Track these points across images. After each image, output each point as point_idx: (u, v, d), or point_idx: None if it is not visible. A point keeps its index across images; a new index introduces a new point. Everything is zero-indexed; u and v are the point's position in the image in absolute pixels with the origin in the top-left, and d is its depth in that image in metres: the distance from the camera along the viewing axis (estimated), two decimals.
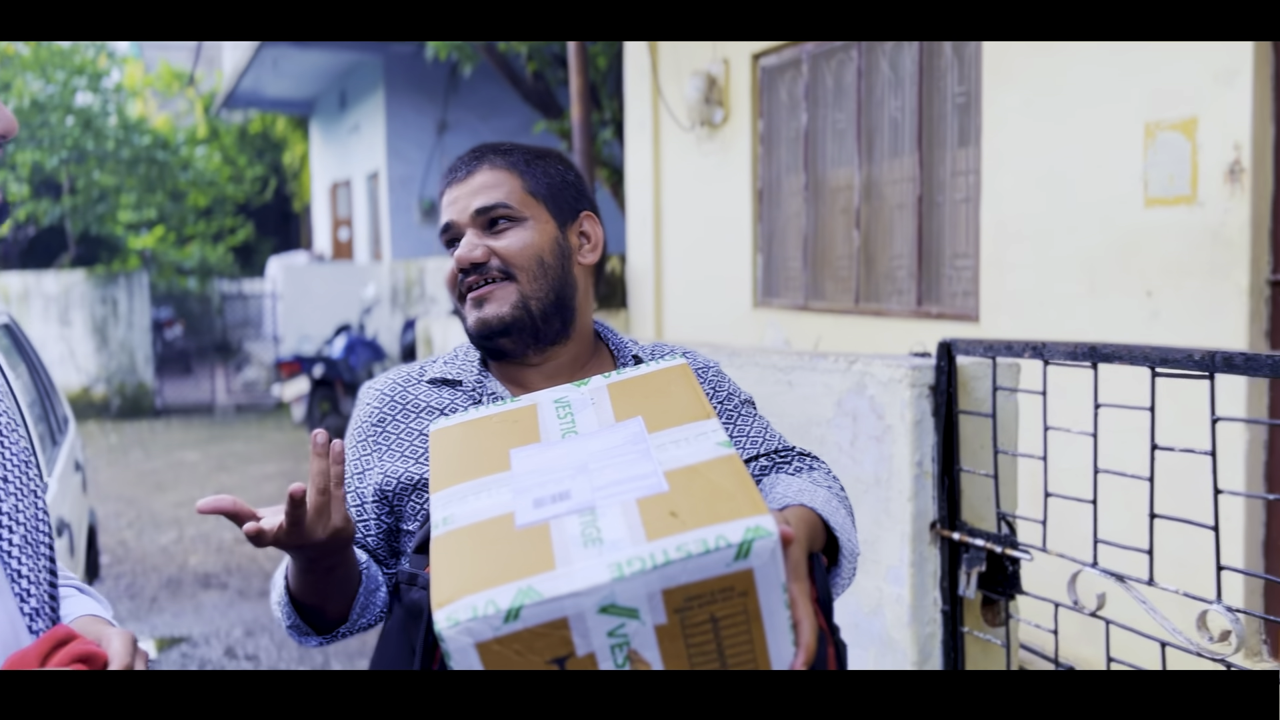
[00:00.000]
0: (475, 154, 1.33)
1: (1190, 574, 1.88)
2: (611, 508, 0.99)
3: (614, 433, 1.12)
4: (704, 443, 1.07)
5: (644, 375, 1.21)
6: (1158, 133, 3.35)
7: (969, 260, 4.30)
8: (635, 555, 0.92)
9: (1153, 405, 1.69)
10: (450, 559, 0.99)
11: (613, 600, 0.91)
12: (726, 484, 1.00)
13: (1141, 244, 3.43)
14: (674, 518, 0.96)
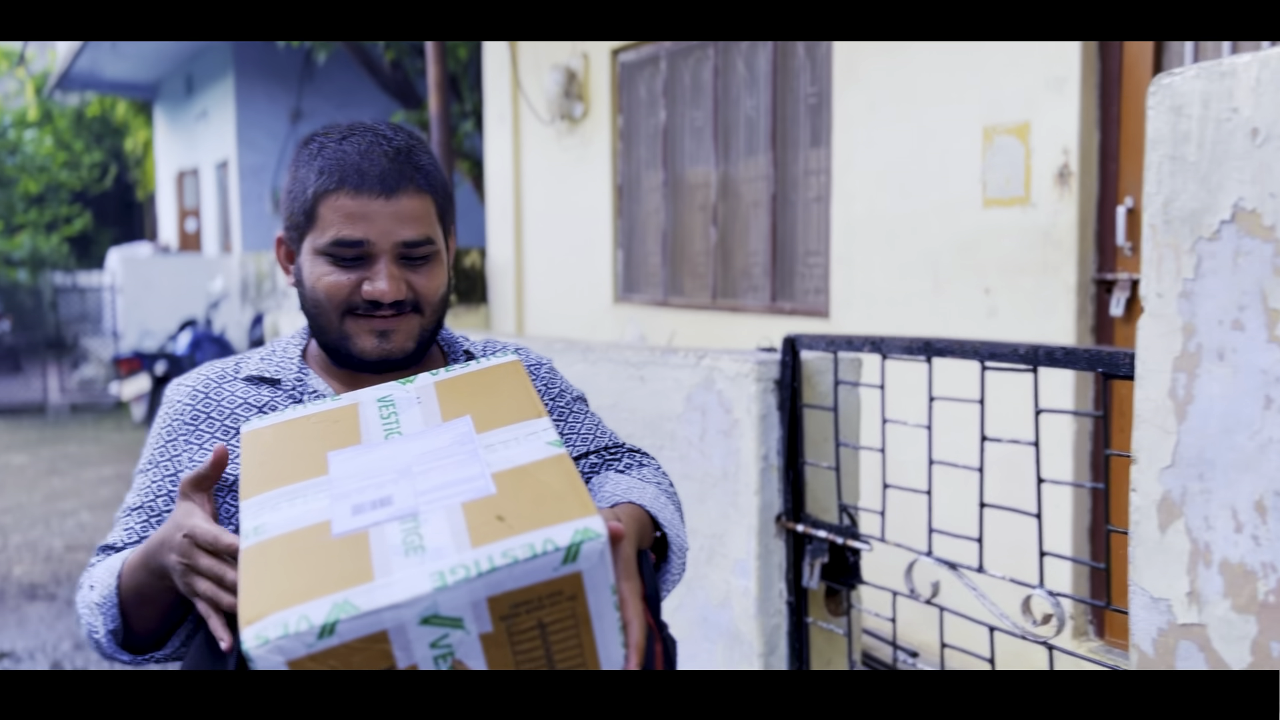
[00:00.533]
0: (394, 163, 1.16)
1: (1022, 560, 1.95)
2: (435, 513, 0.95)
3: (440, 433, 1.07)
4: (534, 442, 1.04)
5: (473, 373, 1.17)
6: (995, 136, 3.49)
7: (820, 258, 4.40)
8: (459, 563, 0.89)
9: (982, 398, 1.74)
10: (260, 571, 0.93)
11: (435, 611, 0.88)
12: (556, 484, 0.97)
13: (980, 243, 3.56)
14: (501, 522, 0.93)
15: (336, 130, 1.20)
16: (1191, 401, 1.07)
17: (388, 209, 1.15)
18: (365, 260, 1.17)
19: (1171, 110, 1.09)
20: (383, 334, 1.20)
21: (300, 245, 1.21)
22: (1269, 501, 1.00)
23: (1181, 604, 1.09)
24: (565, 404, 1.36)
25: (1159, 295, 1.11)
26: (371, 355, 1.21)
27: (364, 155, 1.16)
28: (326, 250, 1.17)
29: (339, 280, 1.18)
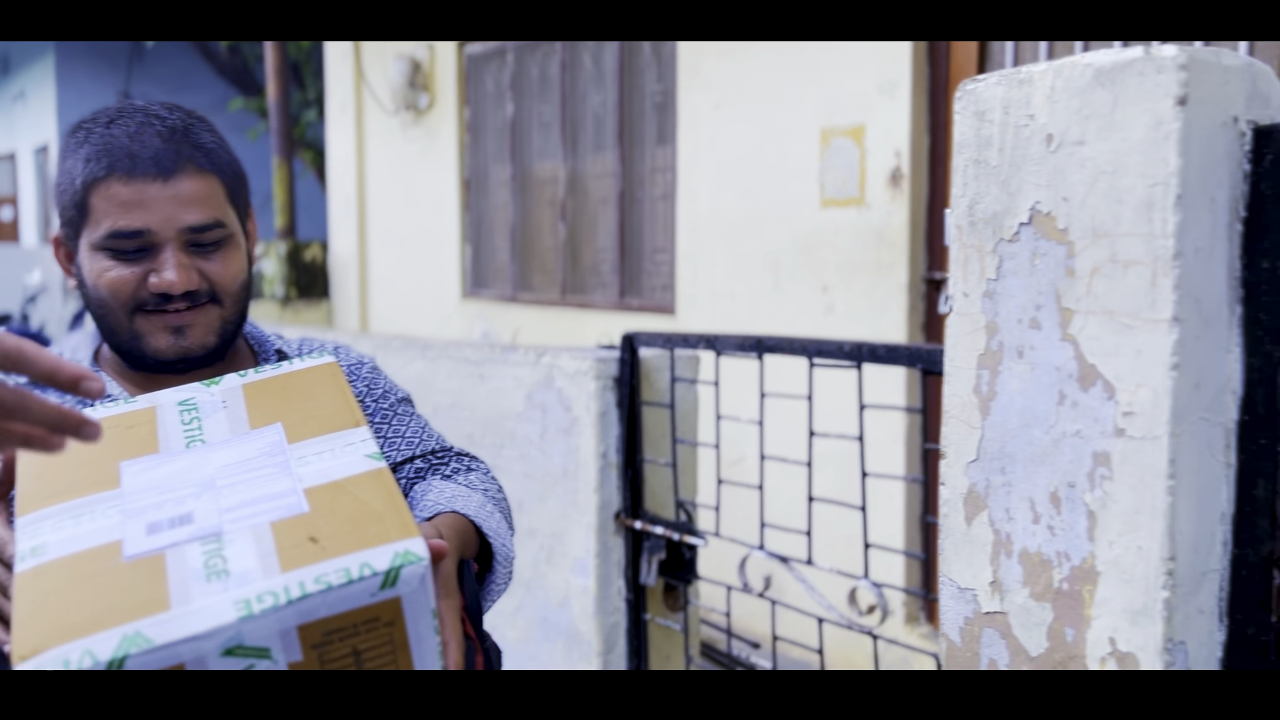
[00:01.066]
0: (169, 143, 1.08)
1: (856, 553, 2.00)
2: (241, 533, 0.88)
3: (247, 442, 0.99)
4: (351, 454, 0.97)
5: (286, 375, 1.09)
6: (832, 138, 3.59)
7: (667, 255, 4.43)
8: (267, 590, 0.82)
9: (810, 394, 1.77)
10: (39, 599, 0.83)
11: (239, 641, 0.81)
12: (374, 502, 0.91)
13: (819, 242, 3.65)
14: (314, 544, 0.87)
15: (105, 114, 1.11)
16: (994, 397, 1.11)
17: (166, 192, 1.07)
18: (149, 251, 1.08)
19: (975, 115, 1.12)
20: (178, 330, 1.11)
21: (77, 242, 1.11)
22: (1063, 493, 1.05)
23: (985, 593, 1.13)
24: (389, 405, 1.31)
25: (965, 295, 1.14)
26: (168, 354, 1.12)
27: (134, 137, 1.07)
28: (104, 244, 1.08)
29: (121, 275, 1.08)
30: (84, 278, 1.12)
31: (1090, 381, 1.02)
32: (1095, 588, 1.03)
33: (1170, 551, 0.98)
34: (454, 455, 1.30)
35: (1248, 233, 1.02)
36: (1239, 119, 1.01)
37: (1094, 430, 1.02)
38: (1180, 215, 0.96)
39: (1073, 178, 1.03)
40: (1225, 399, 1.03)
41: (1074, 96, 1.03)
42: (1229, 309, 1.02)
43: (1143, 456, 0.99)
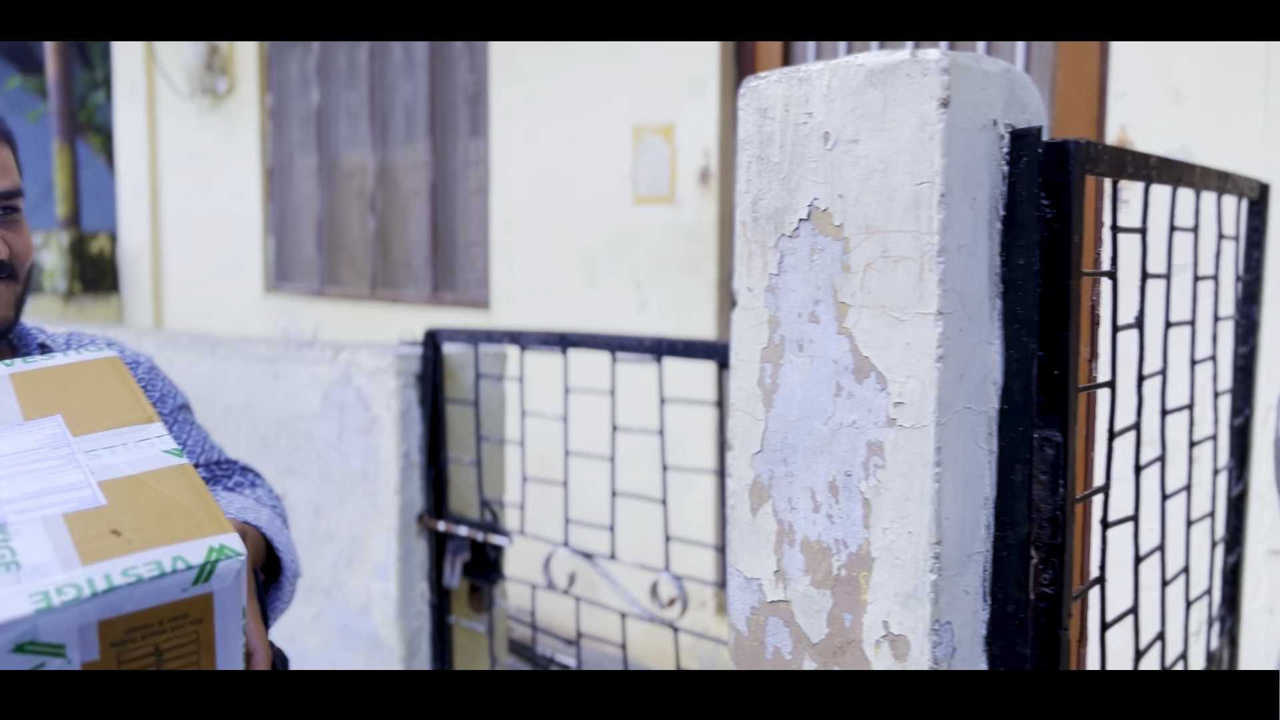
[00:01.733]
0: None
1: (661, 547, 2.02)
2: (30, 525, 0.80)
3: (23, 433, 0.90)
4: (148, 449, 0.91)
5: (61, 367, 0.99)
6: (644, 136, 3.61)
7: (481, 249, 4.36)
8: (68, 582, 0.76)
9: (613, 389, 1.77)
10: None
11: (33, 637, 0.74)
12: (181, 497, 0.85)
13: (632, 239, 3.68)
14: (117, 537, 0.80)
15: None
16: (777, 390, 1.13)
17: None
18: None
19: (758, 112, 1.14)
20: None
21: None
22: (840, 482, 1.08)
23: (770, 582, 1.15)
24: (168, 411, 1.23)
25: (749, 289, 1.16)
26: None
27: None
28: None
29: None
30: None
31: (864, 373, 1.06)
32: (870, 573, 1.06)
33: (937, 536, 1.02)
34: (238, 469, 1.25)
35: (1006, 230, 1.07)
36: (998, 122, 1.06)
37: (868, 420, 1.05)
38: (944, 213, 1.00)
39: (848, 175, 1.06)
40: (987, 389, 1.08)
41: (848, 96, 1.05)
42: (990, 303, 1.07)
43: (912, 445, 1.02)
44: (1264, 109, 2.37)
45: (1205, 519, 1.57)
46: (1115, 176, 1.16)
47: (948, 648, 1.04)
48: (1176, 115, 2.49)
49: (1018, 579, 1.08)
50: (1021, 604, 1.08)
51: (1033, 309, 1.06)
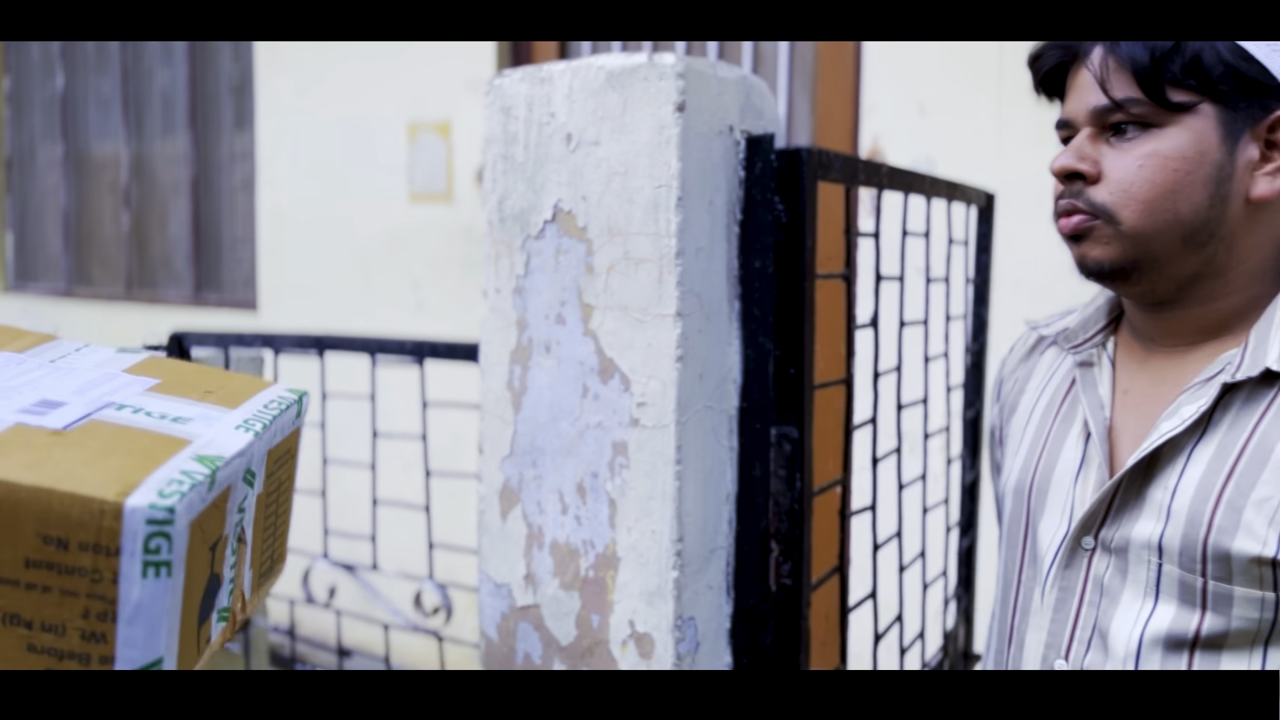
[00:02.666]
0: None
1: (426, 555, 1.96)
2: (147, 397, 0.74)
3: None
4: (97, 352, 0.85)
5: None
6: (419, 133, 3.53)
7: (248, 248, 4.14)
8: (248, 415, 0.74)
9: (373, 393, 1.71)
10: (60, 466, 0.63)
11: (250, 464, 0.71)
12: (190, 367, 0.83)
13: (408, 238, 3.58)
14: (213, 394, 0.77)
15: None
16: (525, 392, 1.12)
17: None
18: None
19: (503, 111, 1.12)
20: None
21: None
22: (588, 483, 1.08)
23: (520, 587, 1.13)
24: None
25: (497, 291, 1.14)
26: None
27: None
28: None
29: None
30: None
31: (609, 374, 1.06)
32: (616, 573, 1.07)
33: (679, 533, 1.03)
34: None
35: (743, 234, 1.10)
36: (734, 128, 1.09)
37: (613, 421, 1.06)
38: (681, 216, 1.01)
39: (590, 177, 1.06)
40: (727, 388, 1.11)
41: (590, 98, 1.06)
42: (729, 305, 1.10)
43: (654, 444, 1.04)
44: (996, 122, 2.57)
45: (940, 506, 1.68)
46: (849, 184, 1.21)
47: (691, 643, 1.06)
48: (922, 127, 2.66)
49: (759, 572, 1.11)
50: (763, 596, 1.12)
51: (769, 310, 1.10)
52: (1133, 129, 0.84)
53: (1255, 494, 0.81)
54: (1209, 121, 0.83)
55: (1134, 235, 0.85)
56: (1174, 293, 0.88)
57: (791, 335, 1.10)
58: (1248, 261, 0.87)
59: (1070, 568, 0.93)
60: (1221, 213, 0.84)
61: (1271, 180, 0.84)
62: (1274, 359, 0.83)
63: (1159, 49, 0.82)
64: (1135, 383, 0.95)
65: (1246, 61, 0.81)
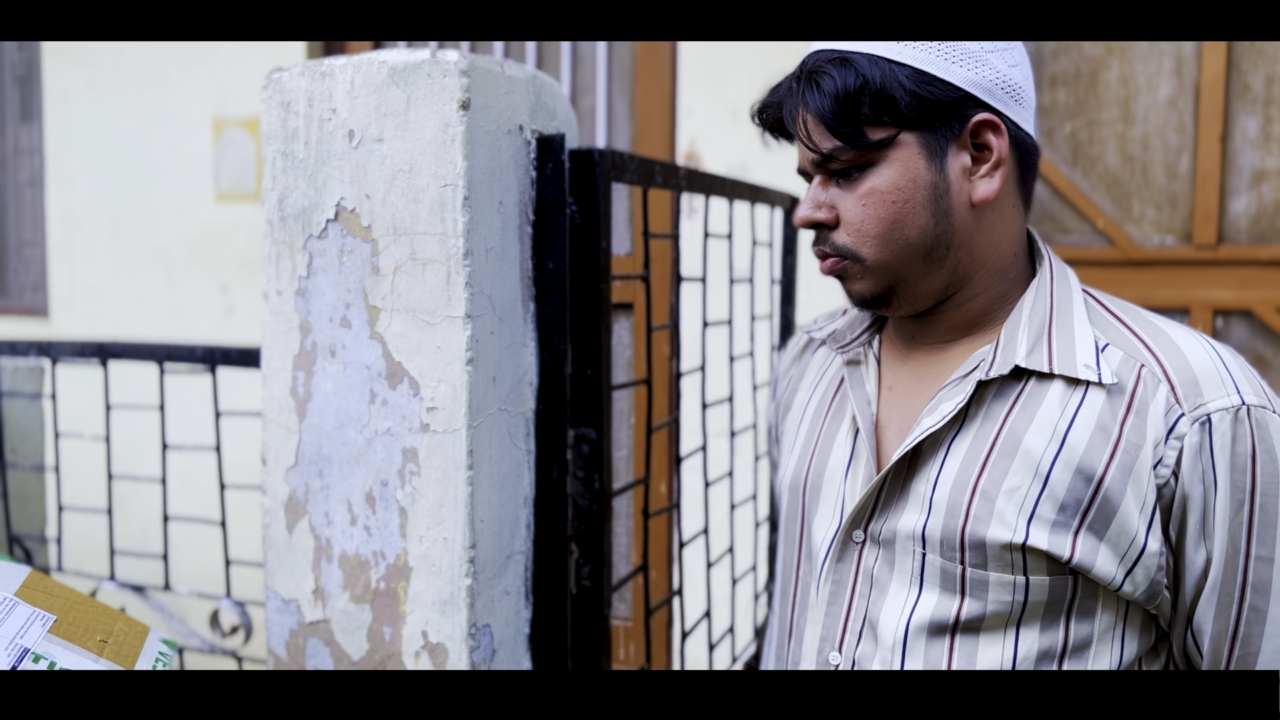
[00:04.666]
0: None
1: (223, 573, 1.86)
2: (45, 645, 0.90)
3: None
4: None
5: None
6: (225, 129, 3.37)
7: (37, 250, 3.86)
8: None
9: (162, 403, 1.61)
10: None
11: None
12: (75, 597, 1.01)
13: (215, 238, 3.41)
14: (105, 644, 0.95)
15: None
16: (310, 399, 1.07)
17: None
18: None
19: (282, 106, 1.07)
20: None
21: None
22: (377, 492, 1.04)
23: (309, 602, 1.08)
24: None
25: (279, 293, 1.09)
26: None
27: None
28: None
29: None
30: None
31: (398, 379, 1.03)
32: (409, 583, 1.03)
33: (471, 540, 1.01)
34: None
35: (536, 235, 1.09)
36: (524, 127, 1.07)
37: (403, 427, 1.03)
38: (469, 216, 0.99)
39: (374, 175, 1.02)
40: (523, 390, 1.09)
41: (372, 93, 1.02)
42: (524, 306, 1.09)
43: (445, 450, 1.01)
44: None
45: (749, 502, 1.71)
46: (644, 185, 1.22)
47: (487, 651, 1.04)
48: (735, 131, 2.72)
49: (558, 575, 1.10)
50: (563, 599, 1.11)
51: (564, 311, 1.09)
52: (854, 170, 0.87)
53: (1006, 484, 0.84)
54: (911, 148, 0.85)
55: (879, 267, 0.88)
56: (932, 304, 0.92)
57: (588, 336, 1.10)
58: (988, 262, 0.90)
59: (842, 561, 0.95)
60: (949, 225, 0.87)
61: (989, 181, 0.87)
62: (1021, 356, 0.86)
63: (842, 94, 0.83)
64: (899, 379, 0.97)
65: (929, 85, 0.83)
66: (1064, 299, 0.90)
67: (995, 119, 0.86)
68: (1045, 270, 0.91)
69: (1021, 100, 0.88)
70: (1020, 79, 0.88)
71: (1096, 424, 0.84)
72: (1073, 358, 0.86)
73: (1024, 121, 0.89)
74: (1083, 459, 0.83)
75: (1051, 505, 0.83)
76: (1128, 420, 0.83)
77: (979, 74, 0.85)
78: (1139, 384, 0.84)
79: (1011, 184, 0.90)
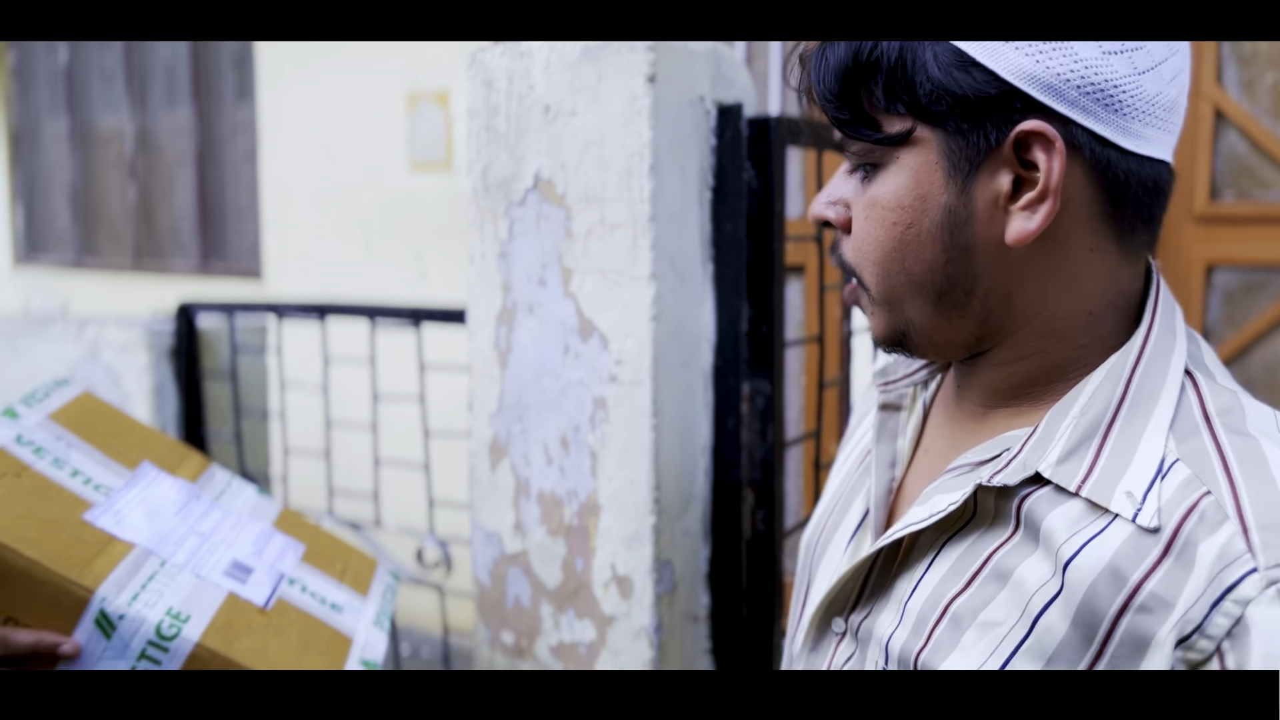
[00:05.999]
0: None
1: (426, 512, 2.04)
2: (299, 571, 1.02)
3: (150, 485, 0.97)
4: (242, 489, 1.10)
5: (78, 402, 1.00)
6: (418, 102, 3.57)
7: (252, 217, 4.20)
8: (378, 609, 1.07)
9: (373, 356, 1.77)
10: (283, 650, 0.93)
11: (377, 659, 1.01)
12: (319, 533, 1.13)
13: (409, 207, 3.64)
14: (345, 569, 1.08)
15: None
16: (511, 351, 1.18)
17: None
18: None
19: (485, 84, 1.18)
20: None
21: None
22: (570, 436, 1.14)
23: (509, 534, 1.20)
24: None
25: (482, 256, 1.20)
26: None
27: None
28: None
29: None
30: None
31: (589, 334, 1.12)
32: (598, 520, 1.13)
33: (655, 482, 1.10)
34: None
35: (715, 200, 1.16)
36: (705, 98, 1.14)
37: (593, 378, 1.12)
38: (654, 183, 1.07)
39: (568, 146, 1.12)
40: (702, 345, 1.17)
41: (566, 70, 1.11)
42: (703, 267, 1.16)
43: (632, 399, 1.10)
44: None
45: None
46: (818, 148, 1.27)
47: (668, 584, 1.13)
48: None
49: (734, 519, 1.18)
50: (738, 542, 1.19)
51: (740, 271, 1.16)
52: (868, 167, 0.64)
53: (985, 614, 0.61)
54: (930, 154, 0.61)
55: (883, 301, 0.66)
56: (966, 355, 0.67)
57: (763, 295, 1.16)
58: (1036, 319, 0.63)
59: (816, 652, 0.73)
60: (968, 266, 0.62)
61: (1027, 218, 0.60)
62: (1050, 462, 0.60)
63: (850, 66, 0.61)
64: (937, 442, 0.73)
65: (963, 70, 0.59)
66: (1148, 387, 0.61)
67: (1049, 130, 0.58)
68: (1136, 341, 0.62)
69: (1120, 104, 0.59)
70: (1124, 72, 0.58)
71: (1109, 563, 0.56)
72: (1116, 478, 0.58)
73: (1125, 135, 0.59)
74: (1081, 607, 0.57)
75: (1032, 659, 0.59)
76: (1161, 565, 0.55)
77: (1042, 63, 0.58)
78: (1189, 516, 0.55)
79: (1088, 223, 0.61)
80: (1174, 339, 0.63)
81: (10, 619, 0.80)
